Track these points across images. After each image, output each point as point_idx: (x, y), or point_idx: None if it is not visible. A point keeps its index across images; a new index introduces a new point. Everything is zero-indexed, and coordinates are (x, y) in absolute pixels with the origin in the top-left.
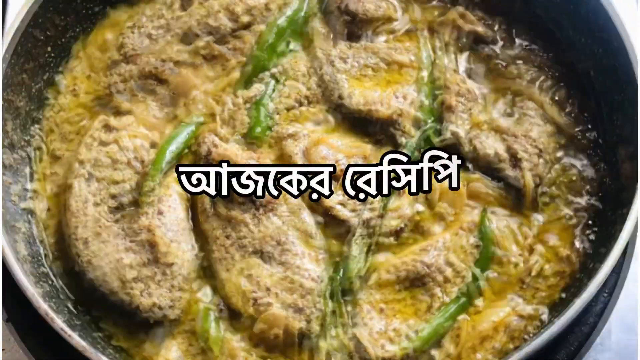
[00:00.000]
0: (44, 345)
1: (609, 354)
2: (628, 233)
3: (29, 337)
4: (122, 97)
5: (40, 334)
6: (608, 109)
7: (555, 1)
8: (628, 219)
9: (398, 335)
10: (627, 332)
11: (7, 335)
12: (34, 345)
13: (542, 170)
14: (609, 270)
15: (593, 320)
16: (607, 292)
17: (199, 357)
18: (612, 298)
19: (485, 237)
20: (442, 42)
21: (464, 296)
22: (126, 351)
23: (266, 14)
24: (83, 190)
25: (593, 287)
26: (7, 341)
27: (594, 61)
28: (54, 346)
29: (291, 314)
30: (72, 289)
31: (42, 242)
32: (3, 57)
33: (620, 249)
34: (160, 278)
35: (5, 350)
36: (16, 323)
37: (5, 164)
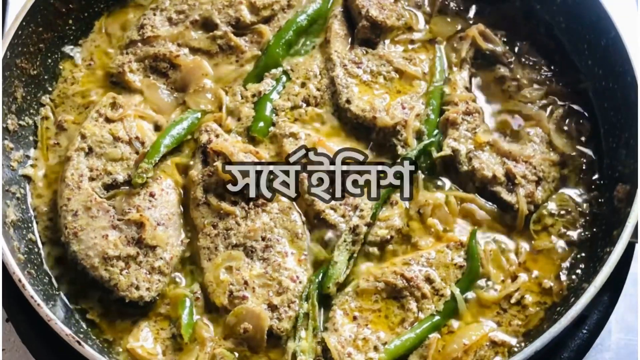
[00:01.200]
0: (44, 345)
1: (609, 354)
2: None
3: (29, 337)
4: (133, 77)
5: (40, 334)
6: (615, 145)
7: (577, 30)
8: (607, 264)
9: (366, 345)
10: (627, 332)
11: (7, 335)
12: (34, 345)
13: (538, 197)
14: (583, 306)
15: (593, 321)
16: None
17: (169, 341)
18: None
19: (471, 258)
20: (458, 58)
21: (439, 315)
22: (98, 326)
23: (287, 11)
24: (81, 163)
25: (565, 320)
26: (7, 341)
27: (609, 96)
28: (54, 346)
29: (264, 311)
30: (54, 260)
31: (35, 210)
32: (20, 24)
33: (596, 289)
34: (142, 259)
35: (5, 350)
36: (16, 323)
37: (9, 129)
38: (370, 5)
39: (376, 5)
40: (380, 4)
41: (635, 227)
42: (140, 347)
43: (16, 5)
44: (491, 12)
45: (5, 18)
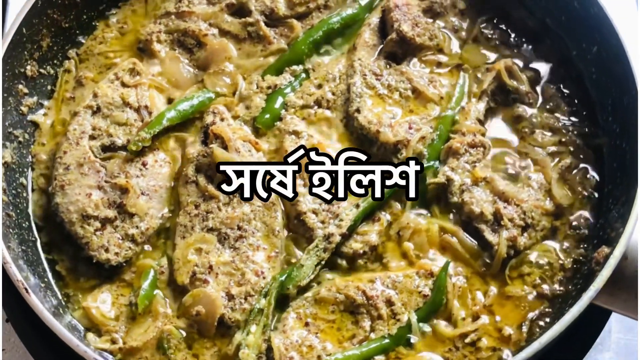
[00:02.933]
0: (44, 345)
1: (609, 354)
2: None
3: (29, 337)
4: (159, 47)
5: (40, 334)
6: (612, 207)
7: (606, 84)
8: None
9: (310, 353)
10: (627, 332)
11: (7, 335)
12: (34, 345)
13: (521, 243)
14: None
15: (593, 320)
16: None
17: (125, 308)
18: None
19: (437, 289)
20: (479, 89)
21: (390, 339)
22: (64, 279)
23: (323, 12)
24: (86, 120)
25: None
26: (7, 341)
27: (620, 156)
28: (54, 346)
29: (220, 298)
30: (40, 208)
31: (35, 157)
32: None
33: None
34: (119, 224)
35: (5, 350)
36: (16, 323)
37: (27, 75)
38: (405, 21)
39: (411, 22)
40: (415, 21)
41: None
42: (95, 308)
43: (16, 6)
44: (527, 51)
45: (5, 18)
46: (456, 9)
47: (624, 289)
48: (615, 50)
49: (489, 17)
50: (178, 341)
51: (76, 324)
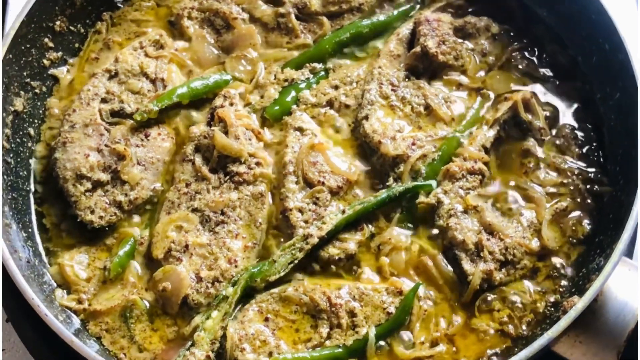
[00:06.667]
0: (44, 345)
1: None
2: None
3: (29, 337)
4: (189, 23)
5: (40, 334)
6: (596, 258)
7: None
8: None
9: (263, 348)
10: None
11: (7, 335)
12: (34, 345)
13: (497, 278)
14: None
15: None
16: None
17: (98, 271)
18: None
19: (402, 309)
20: (492, 117)
21: (344, 349)
22: (48, 232)
23: (355, 14)
24: (102, 83)
25: None
26: (7, 341)
27: (616, 208)
28: (54, 346)
29: (188, 278)
30: (42, 160)
31: (48, 110)
32: None
33: None
34: (109, 189)
35: (5, 350)
36: (16, 323)
37: (55, 30)
38: (432, 37)
39: (438, 38)
40: (443, 38)
41: None
42: (70, 267)
43: (16, 6)
44: (552, 86)
45: (5, 18)
46: (489, 33)
47: (584, 342)
48: (631, 99)
49: (520, 46)
50: (141, 312)
51: (48, 280)
